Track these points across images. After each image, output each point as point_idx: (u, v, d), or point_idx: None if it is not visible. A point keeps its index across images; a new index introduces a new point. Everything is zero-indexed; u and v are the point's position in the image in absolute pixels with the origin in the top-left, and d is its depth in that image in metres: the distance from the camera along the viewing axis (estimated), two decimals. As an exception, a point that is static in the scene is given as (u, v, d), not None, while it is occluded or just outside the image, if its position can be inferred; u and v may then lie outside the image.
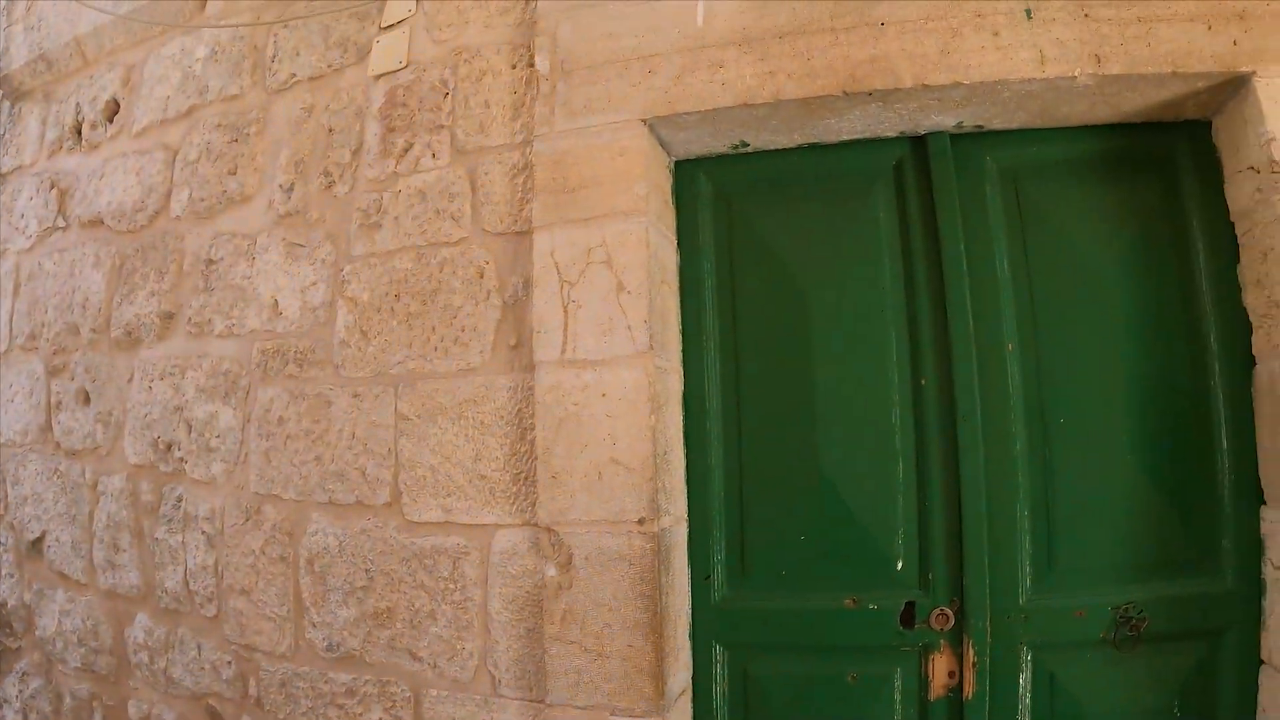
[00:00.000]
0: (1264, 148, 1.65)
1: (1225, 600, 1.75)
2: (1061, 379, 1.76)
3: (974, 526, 1.71)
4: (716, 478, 1.81)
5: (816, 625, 1.77)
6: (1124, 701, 1.77)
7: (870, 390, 1.78)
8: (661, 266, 1.79)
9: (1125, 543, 1.75)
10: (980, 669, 1.74)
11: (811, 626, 1.78)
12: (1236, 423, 1.74)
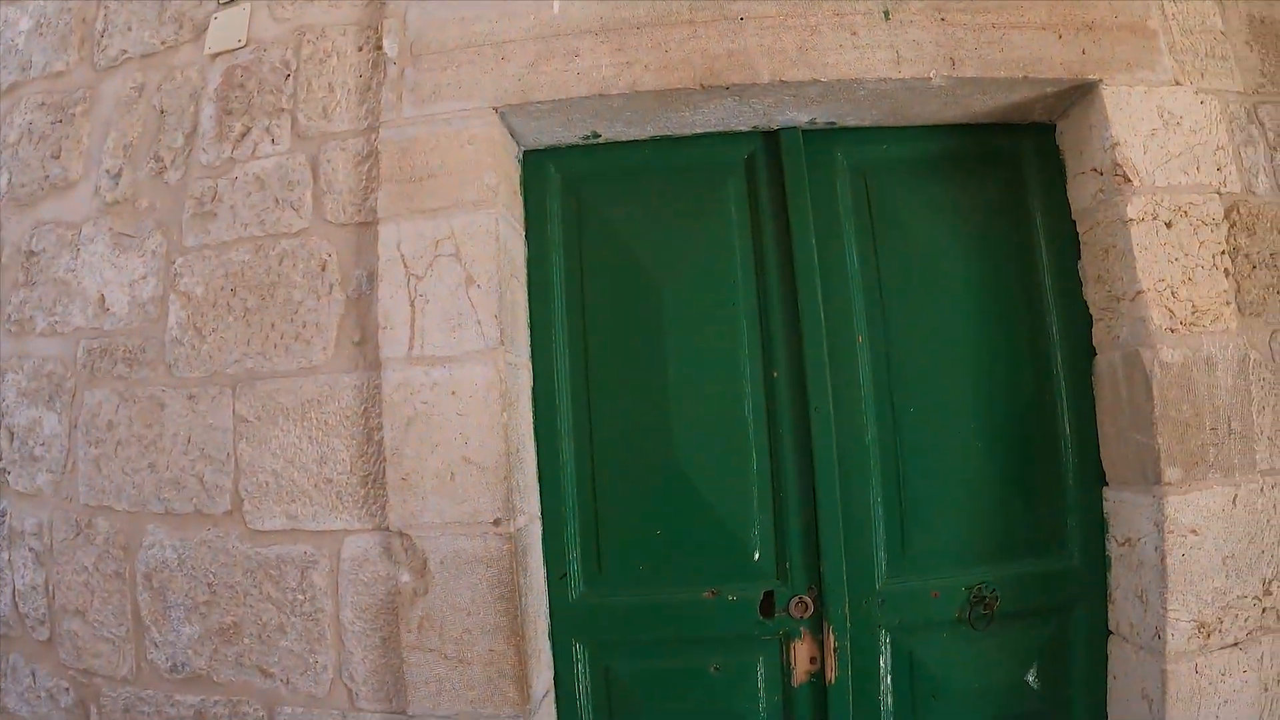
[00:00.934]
0: (1108, 151, 1.74)
1: (1073, 576, 1.84)
2: (911, 370, 1.80)
3: (828, 515, 1.74)
4: (569, 474, 1.78)
5: (676, 619, 1.77)
6: (982, 676, 1.84)
7: (722, 383, 1.78)
8: (511, 259, 1.74)
9: (976, 525, 1.82)
10: (841, 653, 1.77)
11: (671, 620, 1.77)
12: (1078, 410, 1.83)
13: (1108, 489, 1.82)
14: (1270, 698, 1.79)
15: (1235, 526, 1.71)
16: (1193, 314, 1.71)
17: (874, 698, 1.80)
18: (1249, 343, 1.77)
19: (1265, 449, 1.77)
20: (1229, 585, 1.71)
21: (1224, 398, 1.72)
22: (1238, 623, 1.72)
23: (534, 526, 1.75)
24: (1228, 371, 1.72)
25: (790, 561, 1.78)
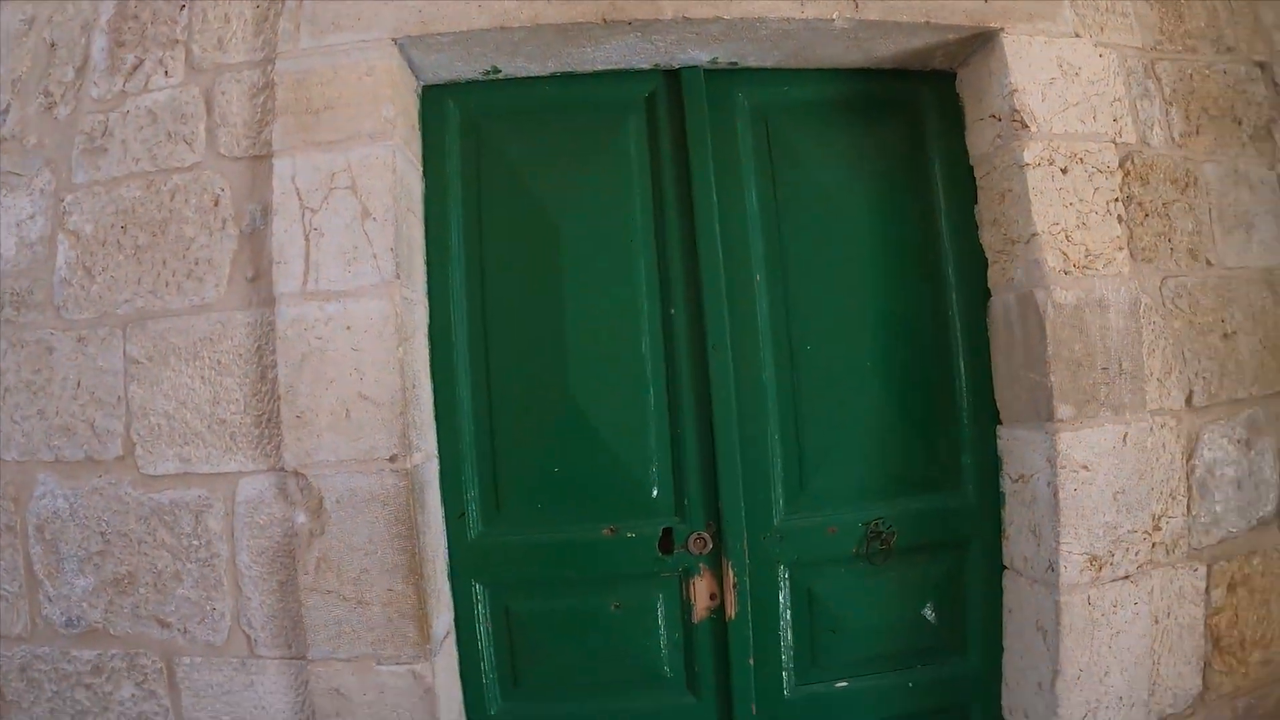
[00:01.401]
0: (1007, 98, 1.76)
1: (969, 512, 1.88)
2: (809, 309, 1.82)
3: (726, 452, 1.75)
4: (466, 412, 1.76)
5: (576, 557, 1.77)
6: (880, 611, 1.87)
7: (620, 321, 1.78)
8: (408, 194, 1.71)
9: (873, 463, 1.84)
10: (740, 589, 1.79)
11: (571, 558, 1.77)
12: (973, 350, 1.86)
13: (1002, 427, 1.86)
14: (1161, 629, 1.85)
15: (1126, 463, 1.76)
16: (1086, 257, 1.75)
17: (774, 633, 1.82)
18: (1141, 287, 1.82)
19: (1155, 389, 1.83)
20: (1120, 520, 1.76)
21: (1116, 339, 1.76)
22: (1129, 556, 1.78)
23: (431, 464, 1.72)
24: (1120, 314, 1.77)
25: (688, 498, 1.78)
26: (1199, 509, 1.89)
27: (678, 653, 1.81)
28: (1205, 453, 1.89)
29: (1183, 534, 1.87)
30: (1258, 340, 1.95)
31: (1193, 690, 1.93)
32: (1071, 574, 1.73)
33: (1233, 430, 1.92)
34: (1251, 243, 1.97)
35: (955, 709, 1.95)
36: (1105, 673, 1.79)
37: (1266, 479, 1.97)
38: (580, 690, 1.80)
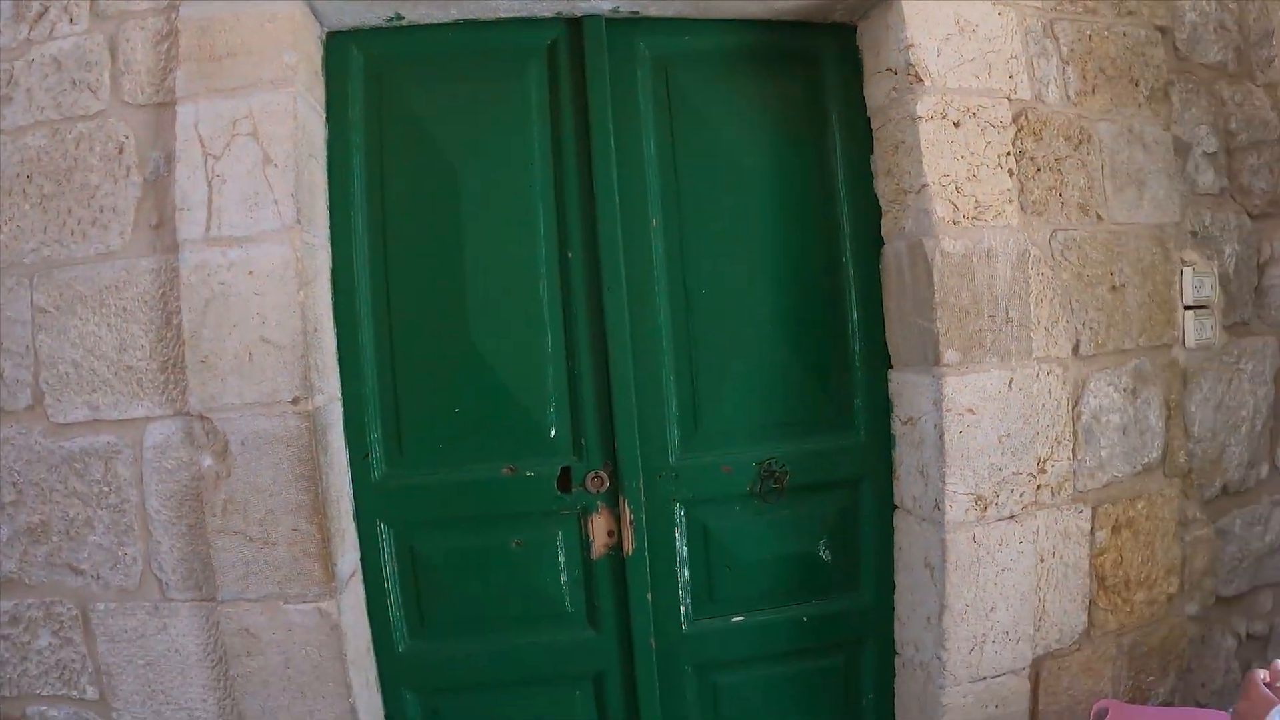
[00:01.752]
0: (903, 52, 1.81)
1: (861, 453, 1.96)
2: (705, 255, 1.87)
3: (622, 393, 1.81)
4: (368, 355, 1.80)
5: (477, 496, 1.82)
6: (774, 547, 1.95)
7: (519, 265, 1.82)
8: (310, 140, 1.73)
9: (767, 404, 1.91)
10: (637, 526, 1.85)
11: (472, 498, 1.82)
12: (866, 297, 1.93)
13: (892, 371, 1.93)
14: (1047, 568, 1.94)
15: (1011, 408, 1.83)
16: (976, 208, 1.81)
17: (670, 569, 1.89)
18: (1030, 239, 1.89)
19: (1043, 338, 1.90)
20: (1005, 462, 1.84)
21: (1003, 288, 1.83)
22: (1013, 497, 1.85)
23: (334, 407, 1.76)
24: (1007, 264, 1.83)
25: (586, 438, 1.84)
26: (1084, 454, 1.97)
27: (578, 588, 1.87)
28: (1091, 400, 1.97)
29: (1068, 477, 1.95)
30: (1146, 294, 2.04)
31: (1078, 626, 2.02)
32: (957, 513, 1.81)
33: (1119, 379, 2.00)
34: (1143, 200, 2.05)
35: (850, 643, 2.04)
36: (991, 608, 1.87)
37: (1152, 427, 2.06)
38: (485, 626, 1.86)
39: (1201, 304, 2.11)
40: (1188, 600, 2.19)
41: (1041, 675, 2.00)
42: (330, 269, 1.79)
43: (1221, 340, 2.17)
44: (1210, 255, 2.14)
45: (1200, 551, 2.20)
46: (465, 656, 1.86)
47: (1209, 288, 2.11)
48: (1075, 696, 2.04)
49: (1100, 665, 2.07)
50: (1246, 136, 2.21)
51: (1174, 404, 2.11)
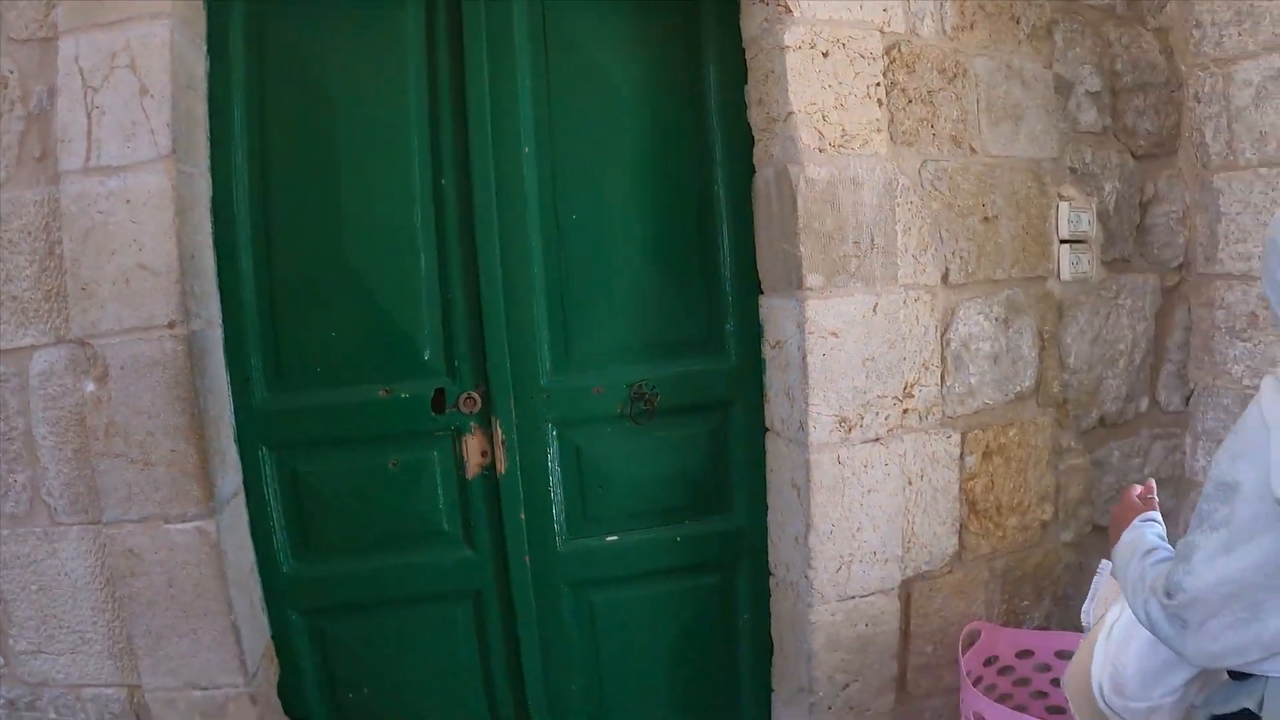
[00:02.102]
0: None
1: (732, 376, 2.02)
2: (578, 182, 1.92)
3: (493, 316, 1.86)
4: (248, 282, 1.84)
5: (355, 418, 1.87)
6: (647, 467, 2.01)
7: (394, 192, 1.86)
8: (189, 72, 1.78)
9: (639, 328, 1.97)
10: (510, 446, 1.91)
11: (350, 419, 1.87)
12: (739, 224, 1.99)
13: (763, 296, 1.99)
14: (915, 491, 1.99)
15: (875, 332, 1.89)
16: (842, 137, 1.86)
17: (544, 488, 1.95)
18: (899, 168, 1.93)
19: (910, 265, 1.95)
20: (870, 385, 1.90)
21: (868, 215, 1.87)
22: (879, 420, 1.91)
23: (213, 332, 1.81)
24: (874, 191, 1.88)
25: (459, 360, 1.89)
26: (954, 380, 2.03)
27: (455, 508, 1.94)
28: (961, 327, 2.02)
29: (937, 402, 2.01)
30: (1020, 226, 2.09)
31: (949, 549, 2.08)
32: (821, 434, 1.87)
33: (990, 308, 2.06)
34: (1019, 135, 2.09)
35: (726, 563, 2.12)
36: (858, 528, 1.94)
37: (1025, 356, 2.12)
38: (367, 547, 1.92)
39: (1078, 238, 2.16)
40: (1063, 528, 2.26)
41: (913, 596, 2.07)
42: (210, 198, 1.84)
43: (1100, 275, 2.22)
44: (1090, 192, 2.19)
45: (1075, 480, 2.26)
46: (348, 576, 1.92)
47: (1086, 223, 2.16)
48: (948, 618, 2.11)
49: (973, 588, 2.14)
50: (1133, 78, 2.26)
51: (1048, 335, 2.16)
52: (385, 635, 1.97)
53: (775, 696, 2.20)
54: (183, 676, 1.72)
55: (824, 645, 1.98)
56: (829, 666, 2.00)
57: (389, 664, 1.98)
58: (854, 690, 2.04)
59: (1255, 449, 1.06)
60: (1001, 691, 2.17)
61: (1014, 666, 2.17)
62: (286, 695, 1.91)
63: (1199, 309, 2.32)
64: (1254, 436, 1.07)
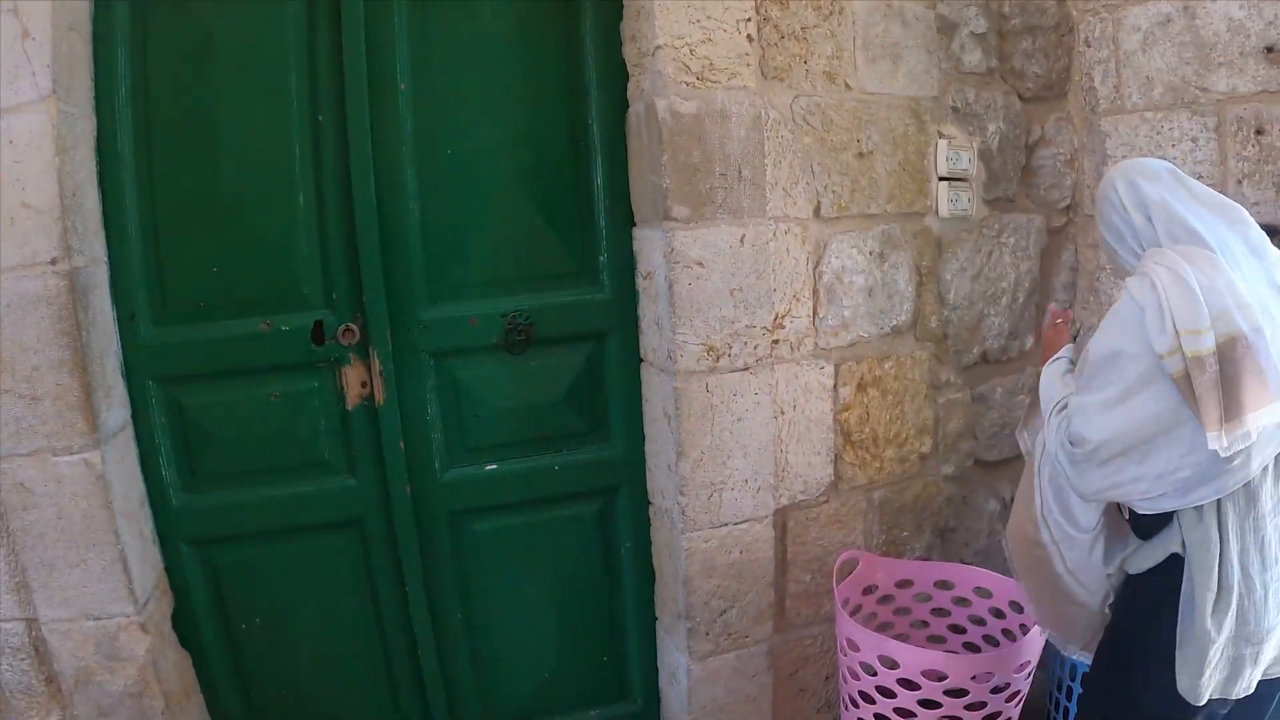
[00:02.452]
0: None
1: (607, 307, 2.09)
2: (454, 118, 1.96)
3: (369, 249, 1.91)
4: (133, 219, 1.88)
5: (237, 351, 1.92)
6: (524, 397, 2.08)
7: (273, 128, 1.90)
8: (71, 13, 1.82)
9: (514, 260, 2.03)
10: (387, 377, 1.97)
11: (233, 353, 1.92)
12: (613, 158, 2.04)
13: (635, 229, 2.05)
14: (787, 421, 2.06)
15: (743, 263, 1.95)
16: (710, 70, 1.90)
17: (422, 418, 2.01)
18: (770, 102, 1.98)
19: (780, 198, 2.01)
20: (738, 315, 1.96)
21: (736, 148, 1.93)
22: (747, 349, 1.98)
23: (97, 269, 1.85)
24: (741, 125, 1.93)
25: (337, 293, 1.94)
26: (826, 312, 2.09)
27: (336, 438, 2.00)
28: (834, 260, 2.08)
29: (809, 334, 2.07)
30: (897, 162, 2.14)
31: (824, 479, 2.15)
32: (688, 362, 1.93)
33: (865, 242, 2.12)
34: (898, 73, 2.14)
35: (605, 492, 2.19)
36: (728, 456, 2.00)
37: (901, 291, 2.18)
38: (253, 478, 1.97)
39: (958, 176, 2.21)
40: (943, 461, 2.32)
41: (789, 525, 2.14)
42: (94, 137, 1.90)
43: (982, 213, 2.28)
44: (972, 131, 2.24)
45: (955, 415, 2.33)
46: (236, 507, 1.98)
47: (966, 161, 2.21)
48: (825, 547, 2.17)
49: (850, 518, 2.20)
50: (1021, 21, 2.29)
51: (926, 270, 2.22)
52: (274, 565, 2.03)
53: (658, 624, 2.28)
54: (76, 607, 1.77)
55: (699, 571, 2.06)
56: (705, 593, 2.08)
57: (279, 593, 2.05)
58: (731, 616, 2.11)
59: (1132, 325, 1.33)
60: (882, 620, 2.23)
61: (894, 596, 2.23)
62: (181, 626, 1.98)
63: (1085, 249, 2.37)
64: (1129, 315, 1.34)
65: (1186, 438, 1.27)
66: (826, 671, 2.32)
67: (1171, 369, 1.26)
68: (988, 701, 1.90)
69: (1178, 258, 1.35)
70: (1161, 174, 1.46)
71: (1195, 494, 1.30)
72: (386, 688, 2.18)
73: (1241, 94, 2.03)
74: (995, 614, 2.22)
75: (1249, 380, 1.24)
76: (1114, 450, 1.32)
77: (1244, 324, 1.26)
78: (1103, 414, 1.33)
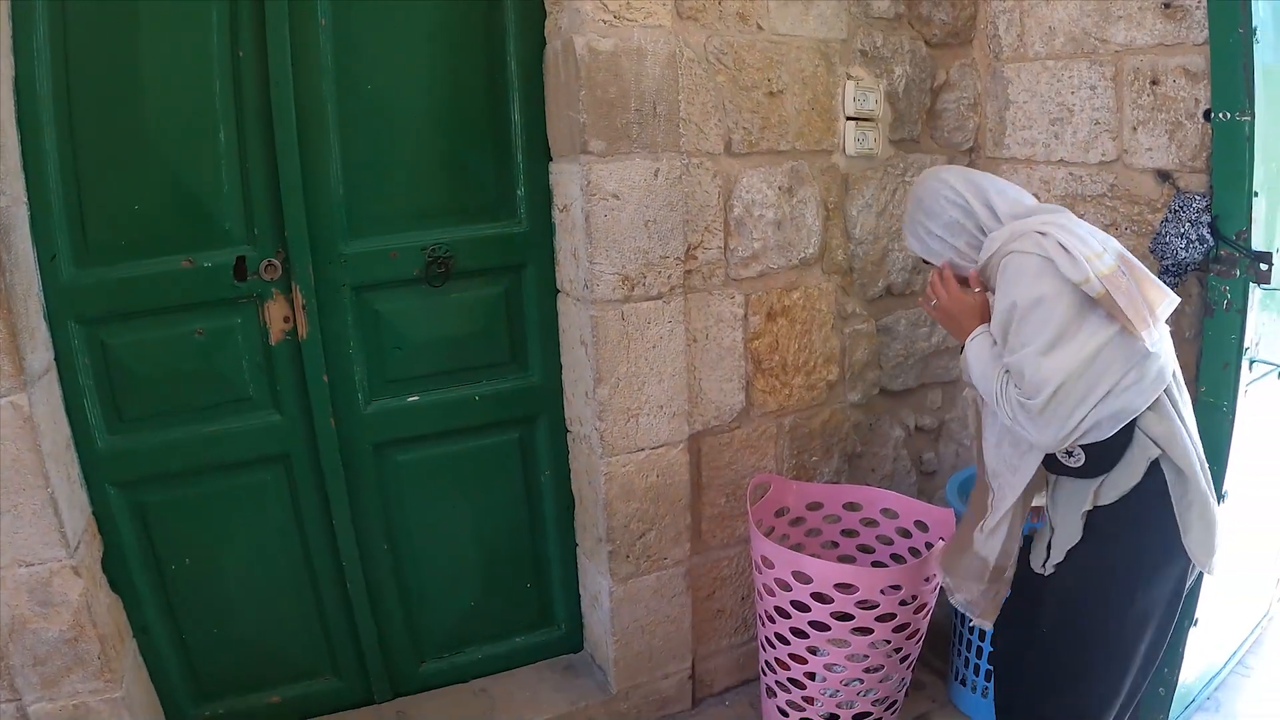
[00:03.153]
0: None
1: (524, 239, 2.19)
2: (374, 53, 2.01)
3: (290, 184, 1.96)
4: (52, 160, 1.87)
5: (160, 289, 1.95)
6: (444, 329, 2.17)
7: (194, 64, 1.91)
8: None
9: (434, 193, 2.11)
10: (310, 311, 2.03)
11: (155, 291, 1.95)
12: (531, 93, 2.12)
13: (553, 163, 2.15)
14: (700, 349, 2.20)
15: (657, 196, 2.06)
16: (627, 9, 1.98)
17: (345, 351, 2.08)
18: (685, 41, 2.08)
19: (694, 134, 2.12)
20: (652, 246, 2.08)
21: (651, 85, 2.03)
22: (660, 279, 2.10)
23: (18, 209, 1.83)
24: (657, 63, 2.03)
25: (258, 228, 1.99)
26: (737, 244, 2.23)
27: (260, 374, 2.05)
28: (744, 195, 2.21)
29: (720, 264, 2.21)
30: (806, 101, 2.27)
31: (737, 406, 2.31)
32: (604, 291, 2.05)
33: (773, 178, 2.25)
34: (809, 16, 2.25)
35: (524, 420, 2.31)
36: (644, 383, 2.14)
37: (809, 225, 2.33)
38: (178, 417, 2.01)
39: (865, 117, 2.36)
40: (850, 389, 2.50)
41: (703, 450, 2.29)
42: (13, 78, 1.87)
43: (888, 153, 2.44)
44: (879, 74, 2.38)
45: (861, 345, 2.50)
46: (162, 447, 2.01)
47: (873, 102, 2.36)
48: (739, 471, 2.34)
49: (762, 443, 2.37)
50: (928, -31, 2.45)
51: (833, 206, 2.37)
52: (202, 504, 2.08)
53: (579, 550, 2.42)
54: (9, 554, 1.78)
55: (618, 495, 2.19)
56: (624, 516, 2.22)
57: (208, 532, 2.11)
58: (650, 539, 2.26)
59: (1044, 274, 1.50)
60: (794, 541, 2.40)
61: (805, 518, 2.41)
62: (110, 569, 2.01)
63: (986, 189, 2.54)
64: (1036, 267, 1.51)
65: (1121, 350, 1.47)
66: (743, 592, 2.49)
67: (1093, 291, 1.45)
68: (897, 613, 2.08)
69: (1036, 220, 1.58)
70: (973, 172, 1.76)
71: (1148, 394, 1.50)
72: (317, 621, 2.27)
73: (1139, 46, 2.21)
74: (902, 534, 2.41)
75: (1146, 283, 1.50)
76: (1075, 390, 1.47)
77: (1113, 244, 1.54)
78: (1049, 357, 1.48)
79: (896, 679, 2.23)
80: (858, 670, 2.15)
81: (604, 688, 2.41)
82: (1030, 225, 1.56)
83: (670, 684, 2.46)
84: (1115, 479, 1.60)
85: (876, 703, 2.23)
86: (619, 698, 2.39)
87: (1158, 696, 2.24)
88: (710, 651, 2.52)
